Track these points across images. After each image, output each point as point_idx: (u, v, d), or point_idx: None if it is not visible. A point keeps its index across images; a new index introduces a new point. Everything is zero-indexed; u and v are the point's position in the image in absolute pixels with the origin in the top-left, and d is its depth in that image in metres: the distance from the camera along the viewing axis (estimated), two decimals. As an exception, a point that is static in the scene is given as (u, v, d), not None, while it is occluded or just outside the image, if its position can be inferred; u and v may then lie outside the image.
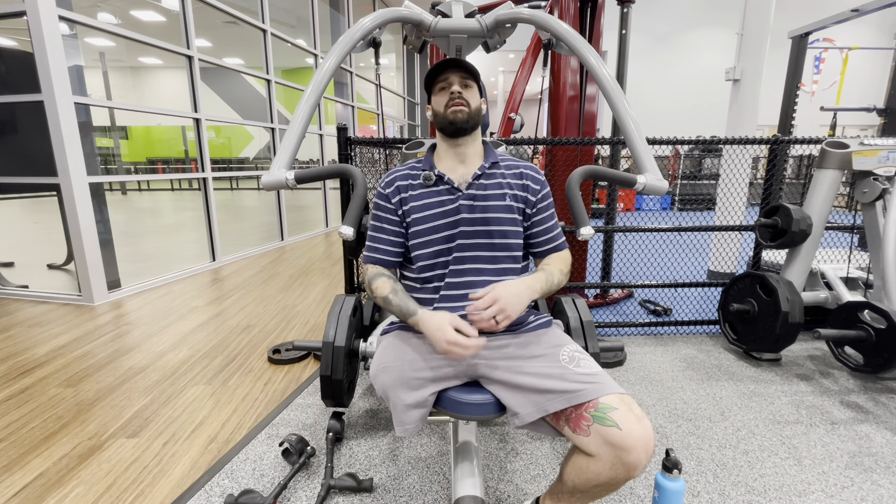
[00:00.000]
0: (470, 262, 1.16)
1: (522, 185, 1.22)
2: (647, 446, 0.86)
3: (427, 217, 1.18)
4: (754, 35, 3.39)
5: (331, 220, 7.14)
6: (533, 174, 1.24)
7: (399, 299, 1.13)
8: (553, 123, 3.11)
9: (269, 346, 2.57)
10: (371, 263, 1.24)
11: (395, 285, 1.17)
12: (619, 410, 0.89)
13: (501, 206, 1.18)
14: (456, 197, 1.18)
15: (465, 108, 1.17)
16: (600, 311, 3.19)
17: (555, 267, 1.19)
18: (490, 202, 1.18)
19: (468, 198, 1.17)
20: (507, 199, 1.19)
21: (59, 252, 4.11)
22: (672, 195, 9.64)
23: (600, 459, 0.89)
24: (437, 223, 1.17)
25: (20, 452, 1.64)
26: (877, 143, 2.20)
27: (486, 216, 1.17)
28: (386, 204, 1.23)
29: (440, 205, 1.18)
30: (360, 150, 2.47)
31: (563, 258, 1.24)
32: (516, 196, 1.20)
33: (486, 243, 1.16)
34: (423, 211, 1.19)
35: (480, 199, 1.18)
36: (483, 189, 1.19)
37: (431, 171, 1.20)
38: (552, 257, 1.23)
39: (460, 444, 1.25)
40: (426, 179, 1.20)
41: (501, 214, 1.17)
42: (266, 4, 5.28)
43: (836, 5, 3.90)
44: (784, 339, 2.22)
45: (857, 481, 1.49)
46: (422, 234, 1.18)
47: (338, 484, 1.42)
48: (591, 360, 1.04)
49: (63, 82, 3.03)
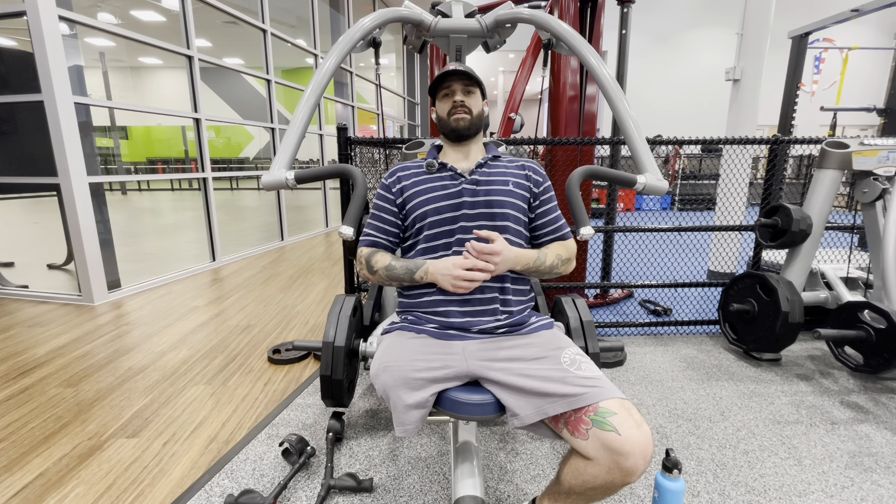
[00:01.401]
0: (462, 234, 1.19)
1: (525, 176, 1.27)
2: (646, 452, 0.86)
3: (429, 199, 1.21)
4: (754, 35, 3.39)
5: (331, 220, 7.14)
6: (534, 167, 1.30)
7: (401, 262, 1.18)
8: (553, 123, 3.10)
9: (269, 346, 2.57)
10: (366, 246, 1.26)
11: (393, 256, 1.22)
12: (619, 415, 0.89)
13: (504, 189, 1.22)
14: (459, 182, 1.22)
15: (467, 116, 1.24)
16: (600, 311, 3.19)
17: (551, 250, 1.22)
18: (493, 186, 1.22)
19: (471, 182, 1.22)
20: (509, 184, 1.23)
21: (59, 252, 4.11)
22: (672, 195, 9.65)
23: (598, 463, 0.89)
24: (438, 205, 1.20)
25: (20, 452, 1.64)
26: (877, 143, 2.19)
27: (489, 199, 1.20)
28: (386, 194, 1.27)
29: (443, 188, 1.22)
30: (360, 150, 2.47)
31: (565, 245, 1.26)
32: (519, 184, 1.25)
33: (488, 226, 1.19)
34: (425, 194, 1.22)
35: (483, 184, 1.22)
36: (486, 175, 1.24)
37: (435, 160, 1.26)
38: (554, 245, 1.25)
39: (460, 445, 1.25)
40: (429, 167, 1.25)
41: (504, 198, 1.21)
42: (266, 4, 5.28)
43: (836, 5, 3.90)
44: (784, 339, 2.22)
45: (857, 481, 1.49)
46: (424, 217, 1.20)
47: (338, 484, 1.42)
48: (592, 363, 1.04)
49: (63, 82, 3.03)
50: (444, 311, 1.14)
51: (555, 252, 1.22)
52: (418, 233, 1.22)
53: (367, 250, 1.25)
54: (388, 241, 1.26)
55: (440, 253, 1.19)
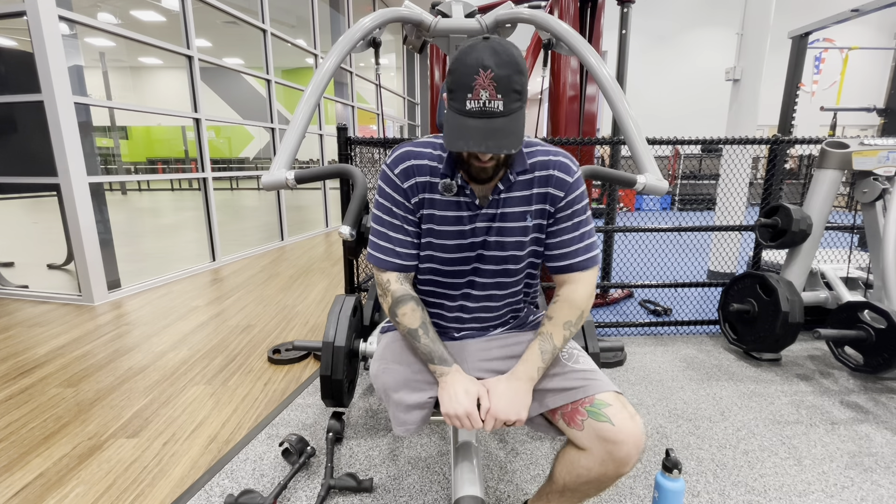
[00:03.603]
0: (470, 276, 1.05)
1: (544, 195, 1.00)
2: (638, 442, 0.88)
3: (441, 233, 1.01)
4: (754, 35, 3.39)
5: (331, 220, 7.14)
6: (559, 176, 0.99)
7: (430, 340, 0.99)
8: (553, 123, 3.10)
9: (269, 346, 2.57)
10: (389, 270, 1.02)
11: (424, 316, 1.01)
12: (614, 407, 0.91)
13: (519, 228, 1.00)
14: (475, 215, 1.00)
15: (492, 164, 0.92)
16: (600, 311, 3.19)
17: (557, 325, 0.98)
18: (508, 223, 1.00)
19: (486, 218, 1.00)
20: (527, 218, 1.00)
21: (59, 252, 4.12)
22: (672, 195, 9.65)
23: (591, 454, 0.91)
24: (449, 242, 1.01)
25: (20, 452, 1.64)
26: (877, 143, 2.19)
27: (501, 240, 1.00)
28: (403, 200, 1.00)
29: (457, 221, 1.00)
30: (360, 150, 2.47)
31: (574, 301, 0.99)
32: (539, 212, 1.01)
33: (495, 269, 1.04)
34: (439, 224, 1.00)
35: (498, 220, 1.00)
36: (504, 205, 0.99)
37: (453, 181, 0.98)
38: (559, 303, 1.01)
39: (460, 445, 1.25)
40: (446, 189, 0.99)
41: (519, 238, 1.01)
42: (266, 4, 5.28)
43: (836, 5, 3.90)
44: (784, 339, 2.22)
45: (857, 481, 1.49)
46: (430, 259, 1.03)
47: (338, 484, 1.42)
48: (588, 356, 1.06)
49: (63, 82, 3.03)
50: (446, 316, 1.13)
51: (561, 322, 0.98)
52: (425, 263, 1.04)
53: (395, 286, 1.02)
54: (411, 256, 1.03)
55: (440, 300, 1.08)
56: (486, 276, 1.04)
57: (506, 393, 0.94)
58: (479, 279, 1.05)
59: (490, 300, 1.08)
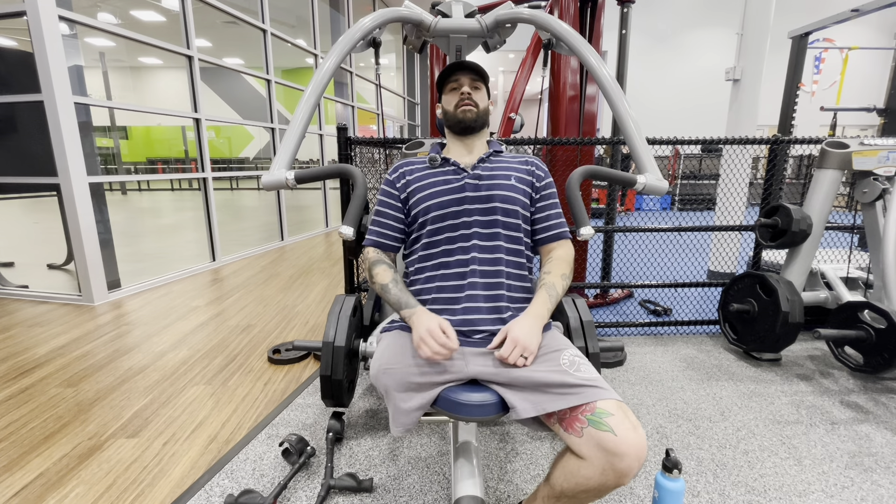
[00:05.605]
0: (474, 239, 1.18)
1: (528, 170, 1.28)
2: (640, 454, 0.86)
3: (431, 194, 1.21)
4: (754, 35, 3.39)
5: (331, 220, 7.14)
6: (537, 162, 1.31)
7: (398, 290, 1.16)
8: (553, 123, 3.11)
9: (269, 346, 2.57)
10: (371, 246, 1.27)
11: (395, 275, 1.20)
12: (616, 416, 0.88)
13: (506, 184, 1.22)
14: (461, 176, 1.23)
15: (473, 109, 1.27)
16: (600, 311, 3.19)
17: (555, 276, 1.18)
18: (495, 181, 1.22)
19: (474, 177, 1.22)
20: (511, 178, 1.24)
21: (59, 252, 4.11)
22: (672, 195, 9.64)
23: (591, 463, 0.88)
24: (441, 199, 1.20)
25: (20, 452, 1.64)
26: (877, 143, 2.19)
27: (491, 193, 1.20)
28: (390, 189, 1.27)
29: (445, 182, 1.22)
30: (360, 150, 2.47)
31: (564, 258, 1.23)
32: (521, 178, 1.25)
33: (489, 220, 1.19)
34: (428, 189, 1.22)
35: (486, 178, 1.22)
36: (488, 170, 1.25)
37: (437, 155, 1.27)
38: (553, 261, 1.22)
39: (460, 445, 1.25)
40: (432, 161, 1.27)
41: (506, 192, 1.21)
42: (266, 4, 5.28)
43: (836, 5, 3.90)
44: (784, 339, 2.22)
45: (857, 481, 1.49)
46: (427, 211, 1.21)
47: (338, 484, 1.42)
48: (591, 365, 1.04)
49: (63, 82, 3.03)
50: (444, 311, 1.14)
51: (559, 274, 1.18)
52: (421, 227, 1.22)
53: (372, 255, 1.25)
54: (393, 237, 1.26)
55: (443, 247, 1.20)
56: (483, 226, 1.19)
57: (525, 325, 1.06)
58: (480, 230, 1.19)
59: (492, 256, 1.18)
